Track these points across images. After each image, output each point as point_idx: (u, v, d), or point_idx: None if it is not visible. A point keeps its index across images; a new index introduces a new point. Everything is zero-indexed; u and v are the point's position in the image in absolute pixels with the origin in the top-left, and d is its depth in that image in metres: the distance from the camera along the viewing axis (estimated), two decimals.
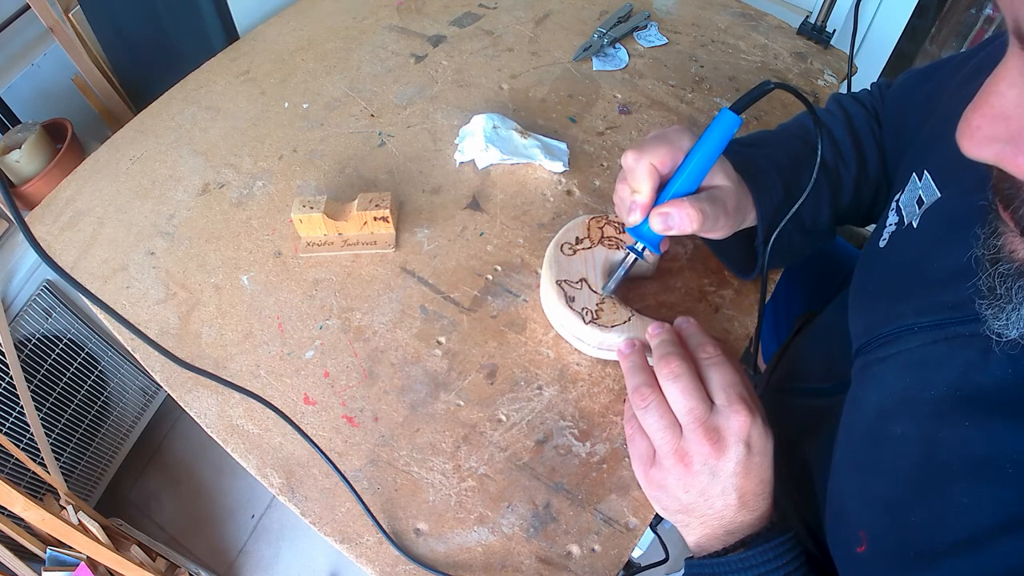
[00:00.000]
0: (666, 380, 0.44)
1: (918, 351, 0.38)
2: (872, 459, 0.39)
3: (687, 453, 0.43)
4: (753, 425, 0.42)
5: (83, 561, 0.99)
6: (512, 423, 0.57)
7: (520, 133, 0.73)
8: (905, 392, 0.37)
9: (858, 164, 0.56)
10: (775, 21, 0.90)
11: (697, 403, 0.43)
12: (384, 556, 0.51)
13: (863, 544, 0.37)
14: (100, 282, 0.68)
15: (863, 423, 0.40)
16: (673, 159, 0.46)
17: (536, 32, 0.89)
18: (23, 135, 1.01)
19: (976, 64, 0.45)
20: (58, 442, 1.14)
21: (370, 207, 0.65)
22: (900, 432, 0.37)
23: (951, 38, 1.20)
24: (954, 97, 0.45)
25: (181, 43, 0.97)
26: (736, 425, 0.42)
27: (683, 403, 0.43)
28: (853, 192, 0.57)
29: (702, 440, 0.42)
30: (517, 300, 0.63)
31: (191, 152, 0.77)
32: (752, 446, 0.42)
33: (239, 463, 0.57)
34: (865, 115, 0.58)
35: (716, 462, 0.42)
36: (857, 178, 0.56)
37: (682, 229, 0.46)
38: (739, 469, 0.42)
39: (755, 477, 0.42)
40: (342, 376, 0.60)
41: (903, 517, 0.35)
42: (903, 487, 0.36)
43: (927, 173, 0.43)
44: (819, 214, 0.56)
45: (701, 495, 0.43)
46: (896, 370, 0.39)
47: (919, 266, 0.40)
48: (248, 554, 1.33)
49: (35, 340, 1.05)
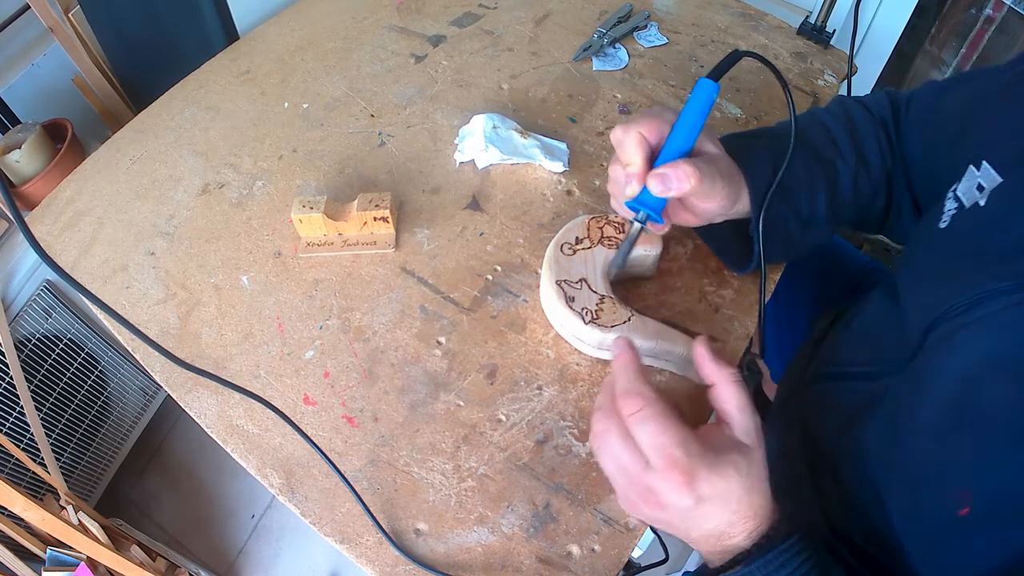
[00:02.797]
0: (594, 439, 0.45)
1: (1001, 314, 0.39)
2: (967, 420, 0.39)
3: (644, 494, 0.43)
4: (695, 481, 0.40)
5: (83, 561, 0.99)
6: (512, 423, 0.57)
7: (520, 133, 0.73)
8: (993, 352, 0.39)
9: (857, 160, 0.57)
10: (775, 21, 0.90)
11: (629, 461, 0.42)
12: (384, 556, 0.51)
13: (966, 506, 0.38)
14: (100, 282, 0.68)
15: (948, 388, 0.41)
16: (660, 129, 0.49)
17: (536, 32, 0.89)
18: (23, 135, 1.01)
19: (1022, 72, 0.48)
20: (58, 442, 1.14)
21: (370, 207, 0.65)
22: (995, 390, 0.38)
23: (951, 38, 1.20)
24: (1006, 98, 0.48)
25: (181, 43, 0.97)
26: (670, 485, 0.41)
27: (617, 459, 0.43)
28: (851, 187, 0.57)
29: (641, 497, 0.42)
30: (517, 300, 0.63)
31: (191, 152, 0.77)
32: (701, 498, 0.41)
33: (239, 463, 0.57)
34: (868, 118, 0.59)
35: (664, 514, 0.42)
36: (856, 173, 0.57)
37: (681, 188, 0.47)
38: (690, 515, 0.41)
39: (718, 517, 0.42)
40: (342, 376, 0.60)
41: (1010, 472, 0.36)
42: (1005, 443, 0.37)
43: (985, 163, 0.45)
44: (815, 203, 0.56)
45: (674, 528, 0.43)
46: (981, 333, 0.40)
47: (991, 239, 0.42)
48: (248, 554, 1.33)
49: (35, 340, 1.05)
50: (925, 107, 0.57)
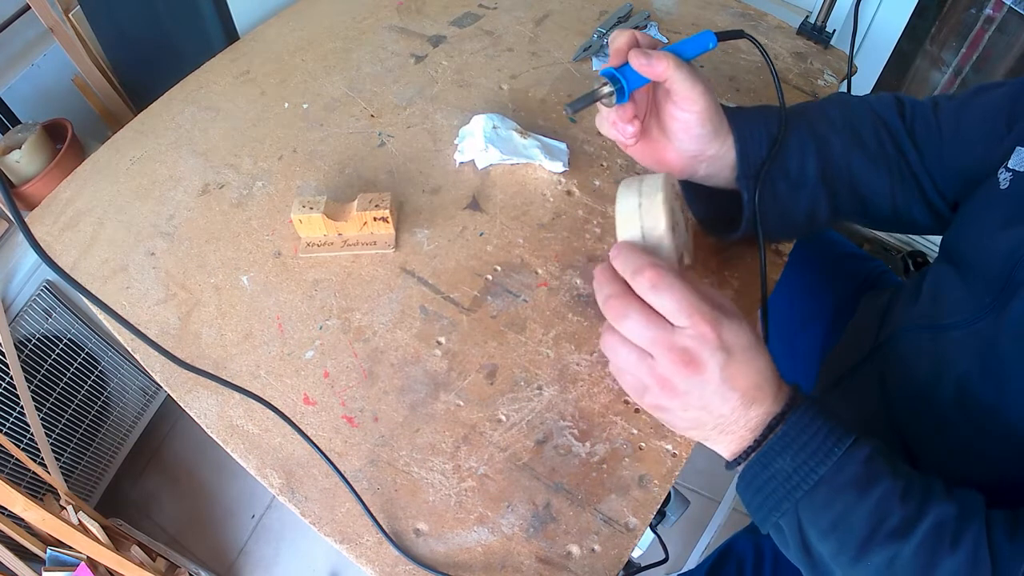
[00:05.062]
0: (617, 324, 0.44)
1: None
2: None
3: (668, 379, 0.43)
4: (721, 331, 0.41)
5: (83, 561, 0.99)
6: (512, 423, 0.57)
7: (520, 133, 0.73)
8: None
9: (851, 136, 0.57)
10: (775, 21, 0.90)
11: (656, 332, 0.42)
12: (384, 556, 0.52)
13: None
14: (100, 282, 0.68)
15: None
16: (653, 44, 0.50)
17: (536, 32, 0.89)
18: (23, 135, 1.01)
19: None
20: (58, 442, 1.14)
21: (370, 207, 0.65)
22: None
23: (951, 38, 1.20)
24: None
25: (181, 43, 0.97)
26: (702, 339, 0.41)
27: (642, 337, 0.43)
28: (844, 158, 0.57)
29: (676, 364, 0.42)
30: (517, 300, 0.63)
31: (191, 152, 0.77)
32: (730, 349, 0.41)
33: (239, 463, 0.57)
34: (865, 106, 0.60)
35: (700, 378, 0.42)
36: (848, 146, 0.57)
37: (659, 66, 0.48)
38: (726, 375, 0.41)
39: (748, 375, 0.42)
40: (342, 376, 0.60)
41: None
42: None
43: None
44: (804, 165, 0.56)
45: (702, 409, 0.43)
46: None
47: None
48: (248, 554, 1.33)
49: (35, 340, 1.05)
50: (959, 105, 0.58)
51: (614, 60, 0.50)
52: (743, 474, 0.45)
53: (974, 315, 0.50)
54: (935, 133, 0.58)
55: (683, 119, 0.51)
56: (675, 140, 0.53)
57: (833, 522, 0.41)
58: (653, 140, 0.54)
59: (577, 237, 0.67)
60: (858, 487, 0.41)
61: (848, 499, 0.41)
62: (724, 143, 0.53)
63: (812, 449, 0.42)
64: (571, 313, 0.62)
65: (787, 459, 0.42)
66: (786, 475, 0.42)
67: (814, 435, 0.42)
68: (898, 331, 0.61)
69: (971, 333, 0.50)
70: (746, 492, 0.46)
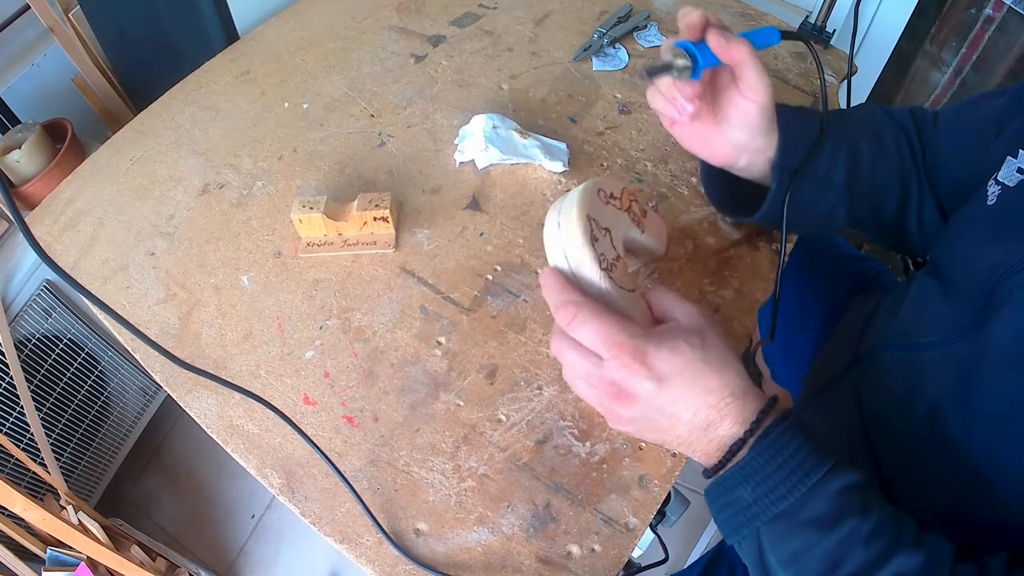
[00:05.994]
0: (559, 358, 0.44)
1: None
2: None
3: (610, 409, 0.43)
4: (646, 359, 0.40)
5: (83, 561, 0.99)
6: (512, 423, 0.57)
7: (520, 133, 0.73)
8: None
9: (876, 144, 0.58)
10: (775, 21, 0.90)
11: (587, 365, 0.42)
12: (384, 556, 0.52)
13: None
14: (100, 282, 0.68)
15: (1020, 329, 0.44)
16: (723, 27, 0.51)
17: (536, 32, 0.89)
18: (23, 135, 1.01)
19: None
20: (58, 442, 1.14)
21: (370, 207, 0.65)
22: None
23: (951, 38, 1.20)
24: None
25: (181, 43, 0.97)
26: (628, 370, 0.41)
27: (580, 368, 0.43)
28: (870, 166, 0.58)
29: (610, 396, 0.42)
30: (517, 300, 0.63)
31: (191, 152, 0.78)
32: (661, 376, 0.40)
33: (239, 463, 0.57)
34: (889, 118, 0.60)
35: (637, 407, 0.41)
36: (874, 155, 0.58)
37: (736, 50, 0.48)
38: (661, 403, 0.41)
39: (690, 398, 0.41)
40: (342, 376, 0.60)
41: None
42: None
43: (1022, 151, 0.49)
44: (834, 168, 0.56)
45: (657, 430, 0.43)
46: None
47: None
48: (248, 554, 1.33)
49: (35, 340, 1.05)
50: (956, 115, 0.59)
51: (687, 34, 0.50)
52: (707, 490, 0.44)
53: (953, 334, 0.50)
54: (933, 142, 0.59)
55: (745, 108, 0.51)
56: (730, 127, 0.53)
57: (793, 554, 0.40)
58: (704, 124, 0.54)
59: None
60: (820, 526, 0.39)
61: (808, 537, 0.39)
62: (770, 138, 0.53)
63: (774, 482, 0.40)
64: None
65: (747, 490, 0.41)
66: (746, 504, 0.41)
67: (779, 467, 0.40)
68: (875, 348, 0.60)
69: (948, 354, 0.49)
70: (711, 507, 0.45)
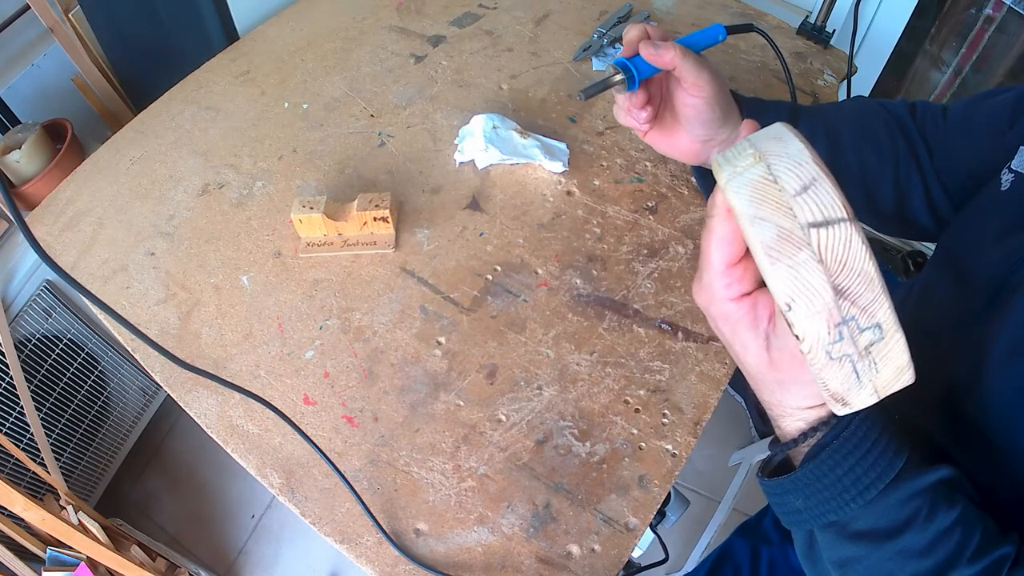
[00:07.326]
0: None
1: None
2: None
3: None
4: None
5: (83, 561, 0.99)
6: (512, 423, 0.57)
7: (520, 133, 0.73)
8: None
9: (862, 133, 0.58)
10: (775, 21, 0.90)
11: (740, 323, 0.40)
12: (384, 556, 0.52)
13: None
14: (100, 282, 0.68)
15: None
16: (664, 37, 0.52)
17: (536, 32, 0.89)
18: (23, 135, 1.01)
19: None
20: (58, 442, 1.14)
21: (370, 207, 0.65)
22: None
23: (951, 38, 1.20)
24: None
25: (181, 43, 0.97)
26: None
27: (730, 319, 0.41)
28: (855, 152, 0.58)
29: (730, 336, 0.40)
30: (517, 300, 0.63)
31: (191, 152, 0.77)
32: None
33: (239, 463, 0.57)
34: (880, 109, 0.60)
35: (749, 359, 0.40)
36: (858, 140, 0.58)
37: (665, 56, 0.50)
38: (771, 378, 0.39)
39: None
40: (342, 376, 0.60)
41: None
42: None
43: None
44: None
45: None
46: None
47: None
48: (248, 554, 1.33)
49: (35, 340, 1.05)
50: (967, 107, 0.59)
51: (626, 51, 0.52)
52: (761, 482, 0.44)
53: (965, 319, 0.50)
54: (943, 132, 0.59)
55: (693, 104, 0.53)
56: (687, 126, 0.55)
57: (841, 560, 0.40)
58: (667, 127, 0.57)
59: (577, 237, 0.67)
60: (872, 540, 0.38)
61: (859, 548, 0.39)
62: (735, 128, 0.55)
63: (824, 497, 0.39)
64: (571, 313, 0.62)
65: (799, 499, 0.40)
66: (796, 510, 0.41)
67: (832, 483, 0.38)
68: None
69: (963, 337, 0.49)
70: (766, 495, 0.44)
